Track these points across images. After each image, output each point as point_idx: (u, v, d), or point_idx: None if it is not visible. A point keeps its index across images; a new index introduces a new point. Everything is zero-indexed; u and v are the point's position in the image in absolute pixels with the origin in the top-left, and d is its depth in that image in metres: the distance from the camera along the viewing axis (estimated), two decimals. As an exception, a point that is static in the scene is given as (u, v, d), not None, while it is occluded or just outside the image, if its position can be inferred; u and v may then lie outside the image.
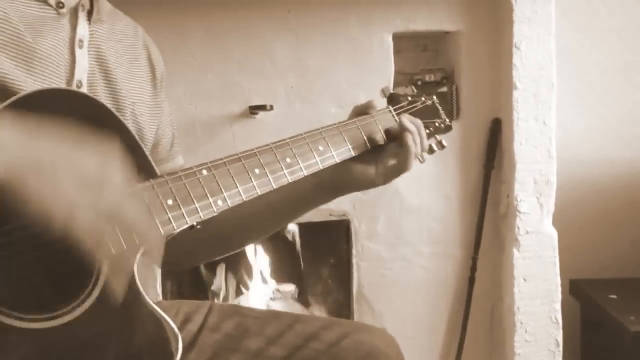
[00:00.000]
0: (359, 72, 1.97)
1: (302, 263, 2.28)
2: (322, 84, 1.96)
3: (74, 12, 0.95)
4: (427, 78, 2.03)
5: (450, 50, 2.10)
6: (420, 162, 1.16)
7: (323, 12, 1.94)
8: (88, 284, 0.78)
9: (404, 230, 2.06)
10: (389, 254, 2.06)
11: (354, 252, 2.04)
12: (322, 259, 2.25)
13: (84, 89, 0.95)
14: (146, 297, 0.83)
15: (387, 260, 2.06)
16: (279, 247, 2.26)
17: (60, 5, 0.93)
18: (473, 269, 2.09)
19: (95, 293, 0.78)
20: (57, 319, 0.76)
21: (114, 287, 0.77)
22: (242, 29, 1.90)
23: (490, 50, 2.04)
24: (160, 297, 1.91)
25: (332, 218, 2.02)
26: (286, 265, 2.29)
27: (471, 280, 2.09)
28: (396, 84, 2.01)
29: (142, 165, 0.87)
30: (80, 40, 0.95)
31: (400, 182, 1.23)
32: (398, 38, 2.01)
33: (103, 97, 0.97)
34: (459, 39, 2.04)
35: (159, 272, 1.88)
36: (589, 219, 2.39)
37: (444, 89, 1.98)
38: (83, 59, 0.95)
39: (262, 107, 1.85)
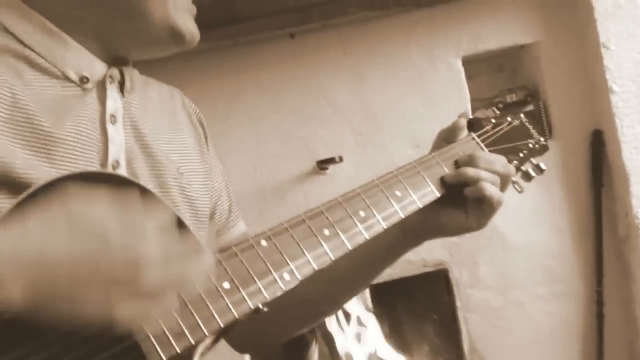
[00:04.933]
0: (430, 105, 1.87)
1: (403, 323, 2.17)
2: (391, 124, 1.86)
3: (102, 86, 0.85)
4: (508, 99, 1.91)
5: (529, 65, 1.98)
6: (519, 192, 1.04)
7: (380, 45, 1.85)
8: None
9: (512, 273, 1.92)
10: (499, 302, 1.92)
11: (458, 304, 1.93)
12: (423, 315, 2.14)
13: (122, 169, 0.84)
14: None
15: (497, 309, 1.92)
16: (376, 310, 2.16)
17: (85, 80, 0.83)
18: (600, 303, 1.95)
19: None
20: None
21: None
22: (297, 77, 1.83)
23: (575, 56, 1.91)
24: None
25: (428, 269, 1.91)
26: (385, 327, 2.18)
27: (599, 317, 1.95)
28: (474, 111, 1.86)
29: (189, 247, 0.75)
30: (112, 116, 0.85)
31: (497, 218, 1.07)
32: (468, 62, 1.90)
33: (145, 174, 0.87)
34: (537, 51, 1.92)
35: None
36: None
37: (530, 107, 1.83)
38: (117, 135, 0.85)
39: (331, 160, 1.76)
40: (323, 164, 1.77)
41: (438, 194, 0.93)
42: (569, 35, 1.89)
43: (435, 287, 1.98)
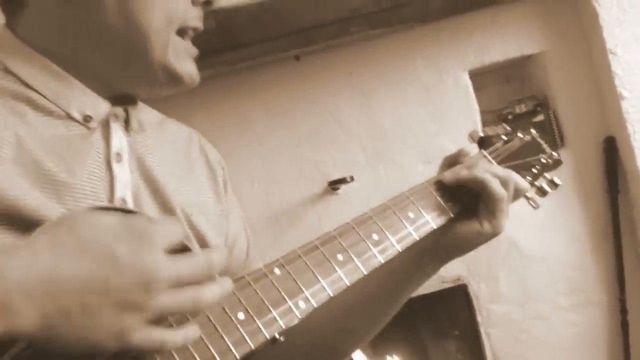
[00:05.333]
0: (439, 119, 1.84)
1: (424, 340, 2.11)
2: (401, 141, 1.83)
3: (106, 124, 0.84)
4: (517, 110, 1.88)
5: (536, 75, 1.94)
6: (534, 207, 1.02)
7: (385, 62, 1.83)
8: None
9: (532, 284, 1.87)
10: (521, 315, 1.87)
11: (479, 319, 1.89)
12: (445, 332, 2.08)
13: (129, 206, 0.83)
14: None
15: (519, 322, 1.87)
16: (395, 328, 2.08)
17: (89, 119, 0.82)
18: (623, 311, 1.91)
19: None
20: None
21: None
22: (304, 99, 1.80)
23: (583, 64, 1.88)
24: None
25: (446, 285, 1.87)
26: (407, 346, 2.12)
27: (624, 325, 1.91)
28: (484, 123, 1.85)
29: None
30: (118, 154, 0.84)
31: (513, 231, 1.05)
32: (475, 75, 1.88)
33: (152, 211, 0.86)
34: (544, 61, 1.89)
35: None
36: None
37: (540, 117, 1.81)
38: (123, 173, 0.84)
39: (342, 181, 1.73)
40: (335, 184, 1.74)
41: (452, 214, 0.91)
42: (575, 44, 1.86)
43: (455, 303, 1.94)
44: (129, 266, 0.59)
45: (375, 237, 0.82)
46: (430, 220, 0.88)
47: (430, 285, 1.80)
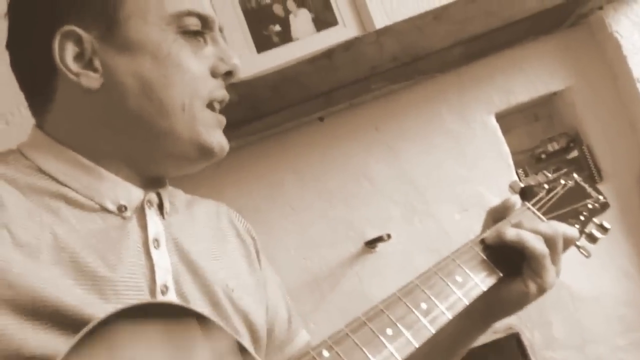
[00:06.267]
0: (471, 166, 1.79)
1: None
2: (434, 191, 1.78)
3: (141, 211, 0.84)
4: (550, 148, 1.82)
5: (565, 111, 1.89)
6: (586, 256, 0.99)
7: (410, 115, 1.79)
8: None
9: (586, 326, 1.76)
10: (579, 359, 1.75)
11: None
12: None
13: (171, 292, 0.82)
14: None
15: None
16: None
17: (123, 209, 0.82)
18: None
19: None
20: None
21: None
22: (332, 159, 1.78)
23: (610, 95, 1.82)
24: None
25: (498, 335, 1.77)
26: None
27: None
28: (517, 165, 1.80)
29: None
30: (156, 240, 0.83)
31: (561, 273, 1.00)
32: (502, 117, 1.84)
33: (195, 294, 0.85)
34: (571, 96, 1.83)
35: None
36: None
37: (574, 153, 1.76)
38: (163, 259, 0.83)
39: (379, 240, 1.67)
40: (372, 244, 1.69)
41: (500, 274, 0.87)
42: (600, 75, 1.81)
43: (509, 353, 1.81)
44: None
45: (424, 306, 0.78)
46: (479, 283, 0.85)
47: (481, 338, 1.73)
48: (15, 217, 0.71)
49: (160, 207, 0.86)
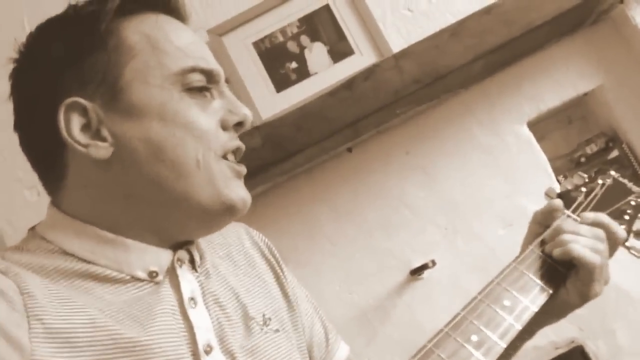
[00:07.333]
0: (509, 179, 1.74)
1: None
2: (474, 209, 1.73)
3: (172, 272, 0.82)
4: (588, 151, 1.76)
5: (599, 111, 1.83)
6: (637, 257, 0.95)
7: (440, 134, 1.75)
8: None
9: None
10: None
11: None
12: None
13: (216, 351, 0.79)
14: None
15: None
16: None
17: (154, 274, 0.80)
18: None
19: None
20: None
21: None
22: (366, 189, 1.74)
23: None
24: None
25: (561, 350, 1.69)
26: None
27: None
28: (556, 171, 1.74)
29: None
30: (192, 299, 0.81)
31: (616, 277, 0.96)
32: (534, 124, 1.78)
33: (238, 345, 0.82)
34: (602, 95, 1.78)
35: None
36: None
37: (615, 153, 1.70)
38: (201, 318, 0.80)
39: (424, 267, 1.62)
40: (417, 272, 1.64)
41: (550, 291, 0.83)
42: (630, 70, 1.75)
43: None
44: None
45: (475, 338, 0.75)
46: (530, 304, 0.81)
47: (543, 355, 1.65)
48: (46, 306, 0.69)
49: (192, 261, 0.85)
